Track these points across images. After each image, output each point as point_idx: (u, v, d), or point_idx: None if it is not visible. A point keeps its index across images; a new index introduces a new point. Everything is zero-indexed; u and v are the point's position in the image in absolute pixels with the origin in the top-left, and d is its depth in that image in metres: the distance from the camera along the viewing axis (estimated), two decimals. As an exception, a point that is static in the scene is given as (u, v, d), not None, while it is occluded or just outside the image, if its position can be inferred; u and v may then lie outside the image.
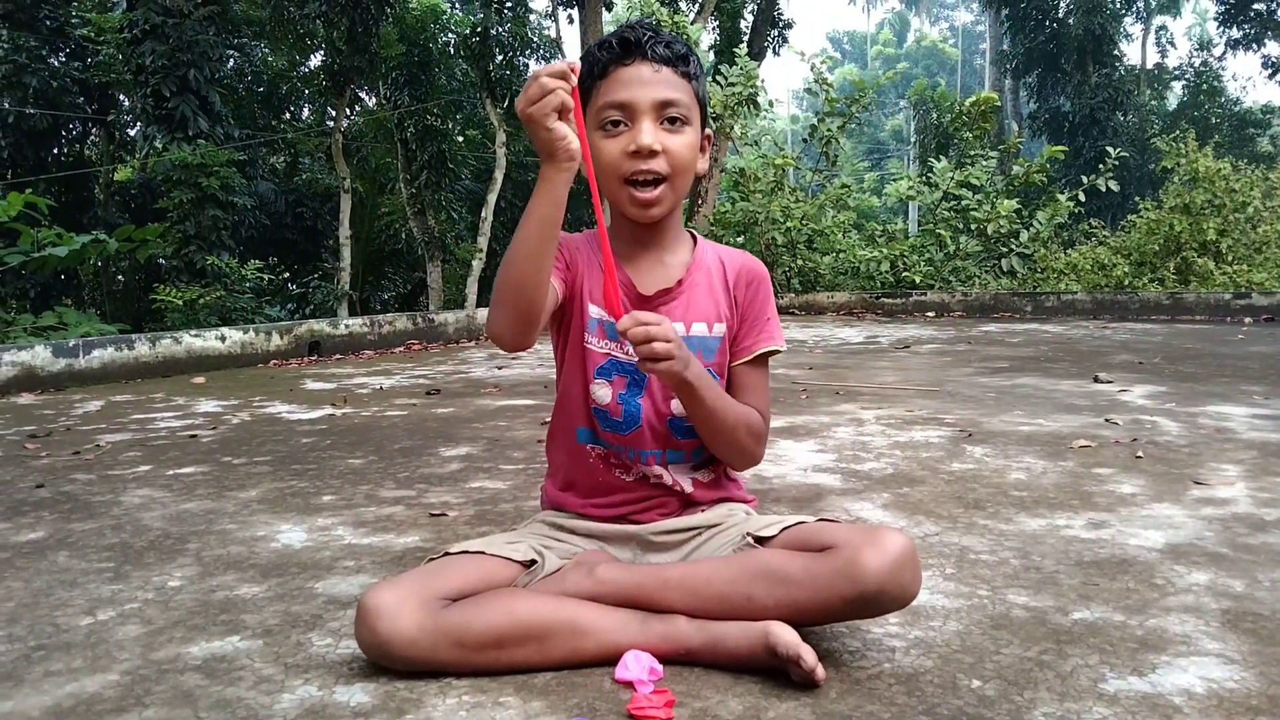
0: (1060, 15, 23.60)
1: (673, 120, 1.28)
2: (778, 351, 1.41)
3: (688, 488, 1.38)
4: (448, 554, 1.27)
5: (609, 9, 15.15)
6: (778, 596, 1.15)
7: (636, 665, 1.13)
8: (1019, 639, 1.25)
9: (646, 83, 1.27)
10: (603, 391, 1.36)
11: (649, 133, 1.26)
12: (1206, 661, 1.17)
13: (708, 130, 1.37)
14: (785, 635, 1.11)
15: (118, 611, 1.43)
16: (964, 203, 9.46)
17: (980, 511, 1.90)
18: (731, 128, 9.59)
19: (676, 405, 1.35)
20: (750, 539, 1.25)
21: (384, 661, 1.15)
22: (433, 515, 1.98)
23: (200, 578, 1.59)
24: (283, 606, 1.43)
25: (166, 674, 1.20)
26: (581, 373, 1.37)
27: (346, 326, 6.08)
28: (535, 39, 14.56)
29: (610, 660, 1.15)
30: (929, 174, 10.07)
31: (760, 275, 1.43)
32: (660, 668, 1.14)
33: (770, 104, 11.30)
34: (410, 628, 1.12)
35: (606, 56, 1.28)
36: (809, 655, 1.09)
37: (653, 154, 1.25)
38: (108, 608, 1.45)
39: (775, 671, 1.13)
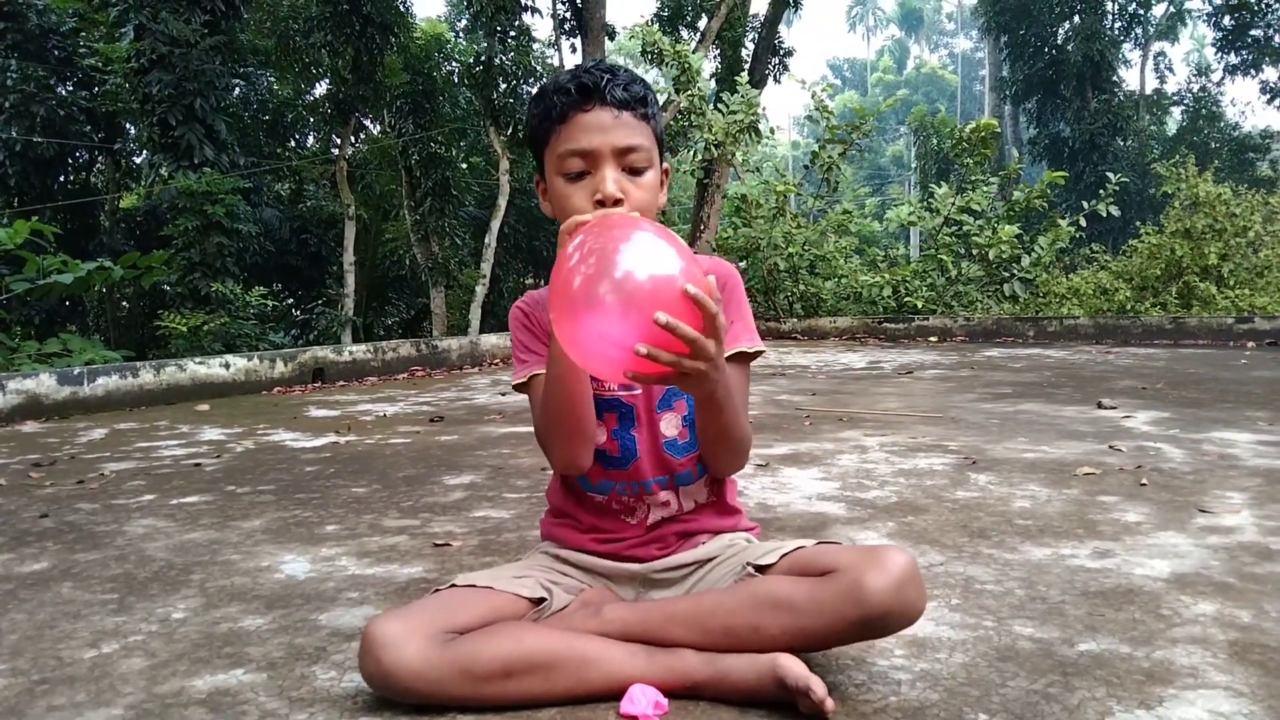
0: (1059, 42, 23.85)
1: (634, 166, 1.26)
2: (757, 354, 1.36)
3: (687, 506, 1.37)
4: (454, 586, 1.27)
5: (611, 38, 15.30)
6: (784, 625, 1.14)
7: (642, 699, 1.13)
8: (1025, 671, 1.24)
9: (607, 129, 1.25)
10: (597, 433, 1.35)
11: (612, 181, 1.24)
12: (1214, 694, 1.16)
13: (665, 165, 1.35)
14: (794, 667, 1.11)
15: (121, 644, 1.43)
16: (965, 228, 9.49)
17: (985, 540, 1.90)
18: (733, 155, 9.65)
19: (666, 428, 1.35)
20: (751, 568, 1.25)
21: (388, 694, 1.15)
22: (437, 545, 1.97)
23: (204, 609, 1.58)
24: (287, 639, 1.43)
25: (170, 708, 1.19)
26: None
27: (350, 353, 6.10)
28: (538, 68, 14.70)
29: (616, 693, 1.15)
30: (930, 199, 10.11)
31: (728, 276, 1.39)
32: (666, 702, 1.14)
33: (772, 131, 11.40)
34: (416, 659, 1.12)
35: (565, 101, 1.26)
36: (818, 686, 1.09)
37: (617, 203, 1.23)
38: (111, 640, 1.44)
39: (782, 704, 1.12)
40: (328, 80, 15.07)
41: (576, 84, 1.26)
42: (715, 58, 16.28)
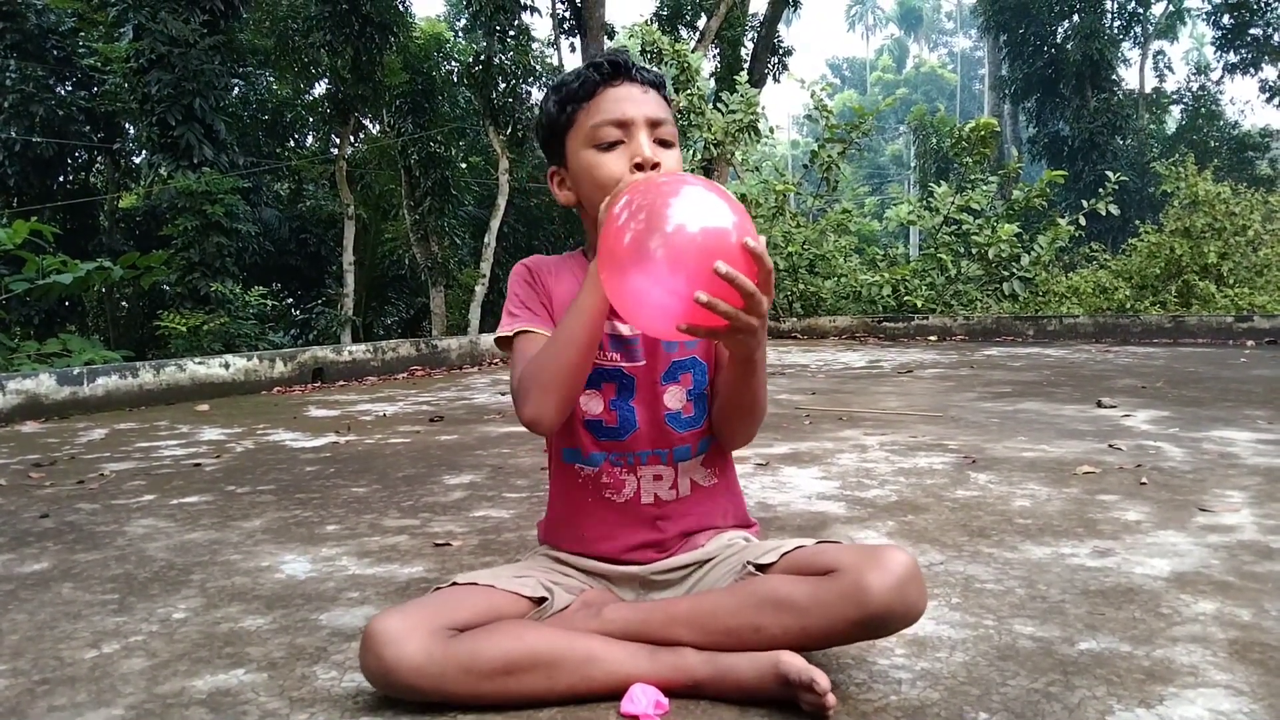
0: (1058, 41, 23.84)
1: (663, 139, 1.29)
2: None
3: (684, 487, 1.36)
4: (455, 584, 1.27)
5: (610, 37, 15.30)
6: (785, 625, 1.14)
7: (643, 698, 1.13)
8: (1026, 670, 1.24)
9: (639, 101, 1.29)
10: (593, 403, 1.34)
11: (648, 145, 1.26)
12: (1214, 693, 1.16)
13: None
14: (796, 662, 1.11)
15: (122, 644, 1.43)
16: (965, 227, 9.49)
17: (985, 539, 1.90)
18: (733, 154, 9.65)
19: (670, 400, 1.34)
20: (751, 567, 1.25)
21: (389, 690, 1.15)
22: (437, 545, 1.97)
23: (205, 609, 1.58)
24: (287, 639, 1.43)
25: (171, 708, 1.19)
26: None
27: (350, 353, 6.10)
28: (537, 67, 14.69)
29: (618, 692, 1.15)
30: (929, 199, 10.11)
31: None
32: (666, 701, 1.14)
33: (771, 130, 11.41)
34: (418, 654, 1.12)
35: (597, 78, 1.29)
36: (822, 678, 1.09)
37: (655, 166, 1.25)
38: (112, 640, 1.44)
39: (783, 703, 1.12)
40: (327, 80, 15.06)
41: (606, 61, 1.30)
42: (714, 57, 16.30)
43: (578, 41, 15.20)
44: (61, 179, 13.53)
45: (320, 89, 16.05)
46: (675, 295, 0.99)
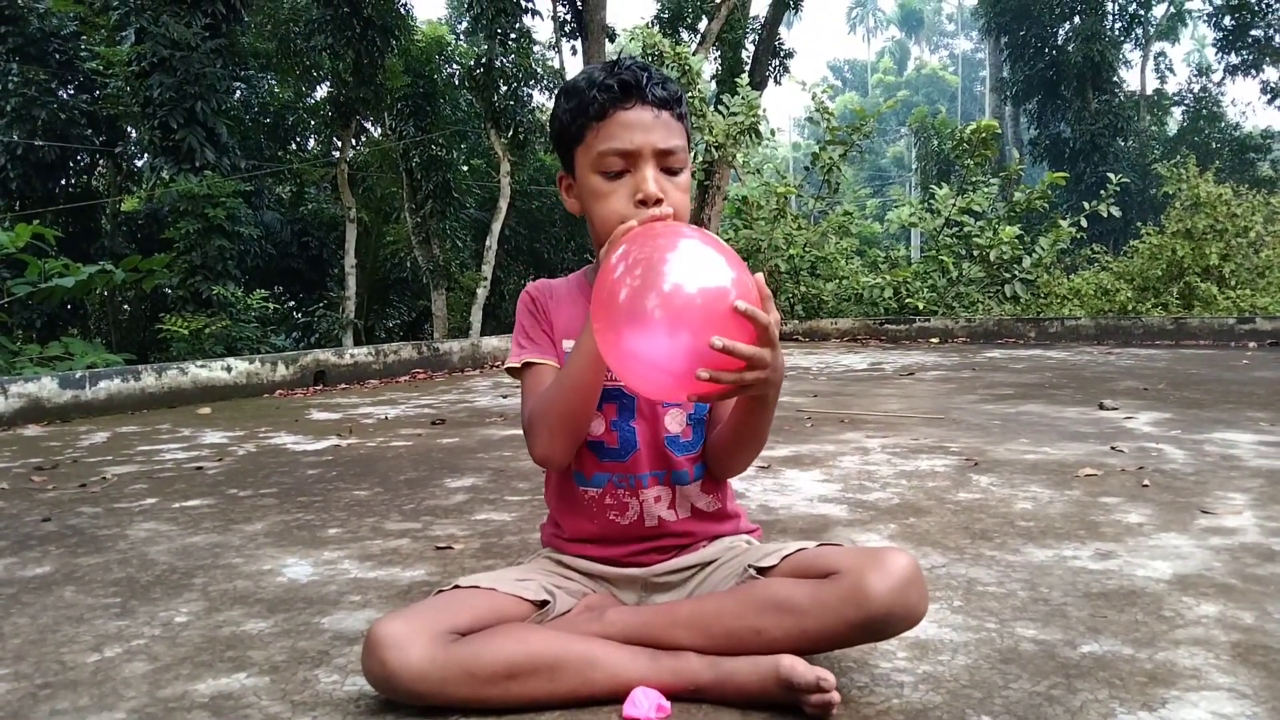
0: (1059, 43, 23.86)
1: (671, 167, 1.27)
2: None
3: (683, 514, 1.36)
4: (457, 587, 1.27)
5: (611, 40, 15.31)
6: (786, 627, 1.14)
7: (645, 701, 1.13)
8: (1028, 673, 1.24)
9: (649, 128, 1.25)
10: (595, 424, 1.34)
11: (653, 181, 1.24)
12: (1217, 696, 1.16)
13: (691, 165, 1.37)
14: (799, 666, 1.11)
15: (124, 648, 1.43)
16: (966, 229, 9.49)
17: (987, 542, 1.90)
18: (734, 156, 9.66)
19: (670, 423, 1.34)
20: (752, 570, 1.25)
21: (391, 695, 1.15)
22: (439, 548, 1.97)
23: (207, 613, 1.58)
24: (289, 642, 1.43)
25: (173, 712, 1.19)
26: None
27: (352, 356, 6.10)
28: (539, 70, 14.71)
29: (619, 696, 1.15)
30: (931, 200, 10.12)
31: None
32: (668, 705, 1.14)
33: (772, 133, 11.43)
34: (420, 659, 1.12)
35: (605, 98, 1.25)
36: (828, 676, 1.09)
37: (658, 202, 1.24)
38: (114, 644, 1.44)
39: (785, 707, 1.12)
40: (328, 83, 15.08)
41: (617, 80, 1.25)
42: (715, 60, 16.30)
43: (579, 44, 15.21)
44: (63, 182, 13.54)
45: (322, 92, 16.08)
46: (671, 373, 0.97)
